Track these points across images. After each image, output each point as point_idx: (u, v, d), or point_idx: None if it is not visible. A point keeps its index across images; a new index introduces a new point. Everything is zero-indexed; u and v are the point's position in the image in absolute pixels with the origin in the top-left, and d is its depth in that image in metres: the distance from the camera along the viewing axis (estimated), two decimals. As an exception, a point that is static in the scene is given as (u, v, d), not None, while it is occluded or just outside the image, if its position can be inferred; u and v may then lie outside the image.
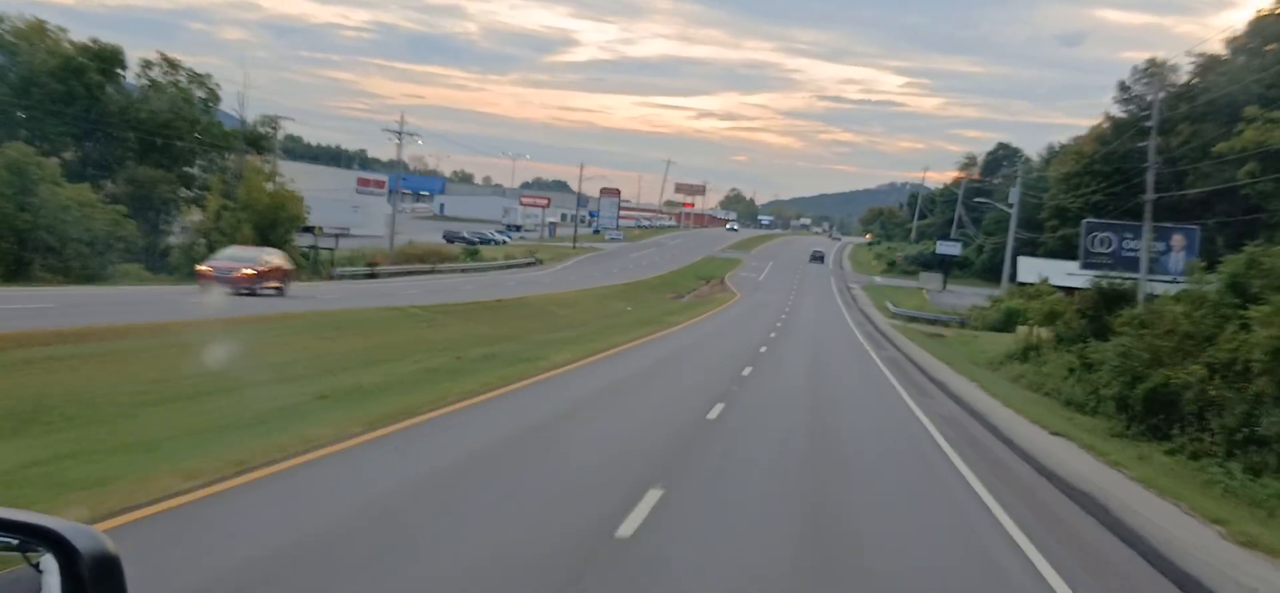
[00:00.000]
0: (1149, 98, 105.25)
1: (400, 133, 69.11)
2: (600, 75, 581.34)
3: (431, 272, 64.29)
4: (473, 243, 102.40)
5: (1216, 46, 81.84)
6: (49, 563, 1.73)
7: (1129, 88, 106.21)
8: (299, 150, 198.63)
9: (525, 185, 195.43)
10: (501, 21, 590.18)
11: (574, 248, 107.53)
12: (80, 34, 63.26)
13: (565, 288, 60.61)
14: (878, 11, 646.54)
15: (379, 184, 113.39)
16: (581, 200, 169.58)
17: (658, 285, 75.58)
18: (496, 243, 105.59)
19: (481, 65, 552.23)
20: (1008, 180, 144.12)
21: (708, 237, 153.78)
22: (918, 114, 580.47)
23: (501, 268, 77.45)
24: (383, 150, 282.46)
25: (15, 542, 1.78)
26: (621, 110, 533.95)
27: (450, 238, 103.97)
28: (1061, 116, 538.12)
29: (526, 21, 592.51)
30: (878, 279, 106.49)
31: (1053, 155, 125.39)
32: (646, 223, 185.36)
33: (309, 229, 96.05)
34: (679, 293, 74.59)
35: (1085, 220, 64.59)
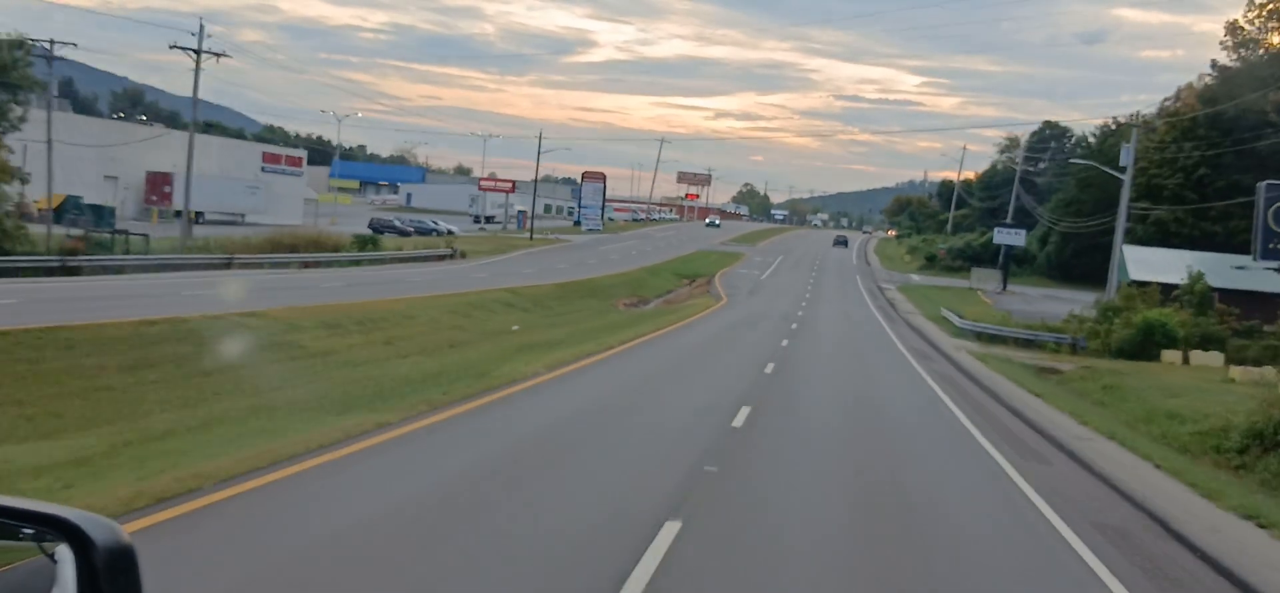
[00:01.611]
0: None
1: (198, 52, 45.42)
2: (618, 76, 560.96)
3: (226, 266, 40.80)
4: (405, 232, 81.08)
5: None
6: (64, 553, 1.66)
7: (1242, 29, 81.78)
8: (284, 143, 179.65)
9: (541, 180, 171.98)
10: (519, 22, 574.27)
11: (531, 239, 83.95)
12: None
13: (449, 290, 37.30)
14: (897, 10, 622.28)
15: (294, 162, 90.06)
16: (577, 191, 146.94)
17: (615, 286, 51.96)
18: (438, 232, 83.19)
19: (499, 66, 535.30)
20: (1057, 162, 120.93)
21: (700, 230, 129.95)
22: (936, 114, 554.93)
23: (397, 261, 54.29)
24: (383, 144, 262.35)
25: (31, 532, 1.72)
26: (639, 111, 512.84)
27: (378, 227, 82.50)
28: (1081, 115, 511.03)
29: (544, 22, 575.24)
30: (915, 278, 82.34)
31: (1108, 133, 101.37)
32: (644, 215, 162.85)
33: (178, 214, 73.09)
34: (641, 297, 50.96)
35: (1264, 184, 40.39)
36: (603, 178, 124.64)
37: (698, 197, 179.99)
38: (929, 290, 69.11)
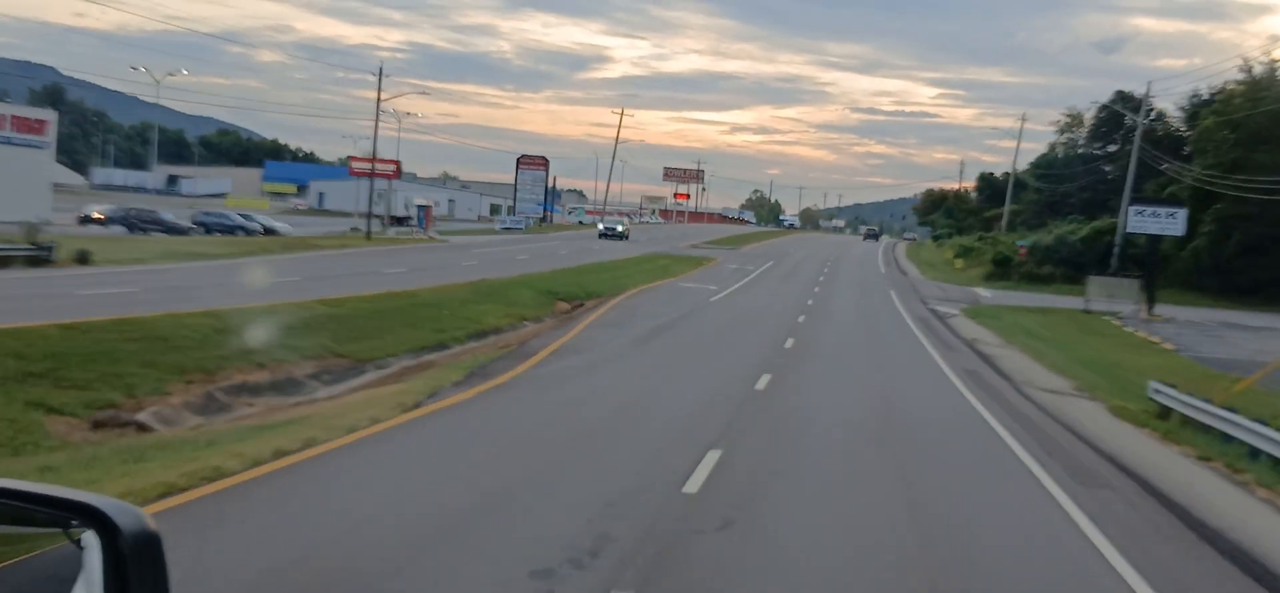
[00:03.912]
0: None
1: None
2: (634, 91, 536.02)
3: None
4: (180, 228, 53.29)
5: None
6: (90, 540, 1.64)
7: None
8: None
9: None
10: (535, 39, 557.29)
11: (369, 238, 52.57)
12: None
13: None
14: (912, 22, 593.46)
15: (28, 126, 58.46)
16: (552, 191, 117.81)
17: (309, 325, 20.65)
18: (246, 230, 53.15)
19: (516, 83, 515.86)
20: (1155, 140, 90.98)
21: (678, 231, 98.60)
22: (952, 125, 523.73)
23: None
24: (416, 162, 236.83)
25: (57, 518, 1.72)
26: (655, 125, 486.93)
27: (134, 220, 53.68)
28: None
29: (560, 39, 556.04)
30: (984, 292, 50.39)
31: (1198, 106, 70.53)
32: (625, 218, 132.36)
33: None
34: (354, 360, 19.51)
35: None
36: (544, 165, 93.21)
37: (688, 196, 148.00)
38: (1022, 317, 37.18)
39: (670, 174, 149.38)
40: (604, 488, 9.04)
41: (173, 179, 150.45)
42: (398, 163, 71.79)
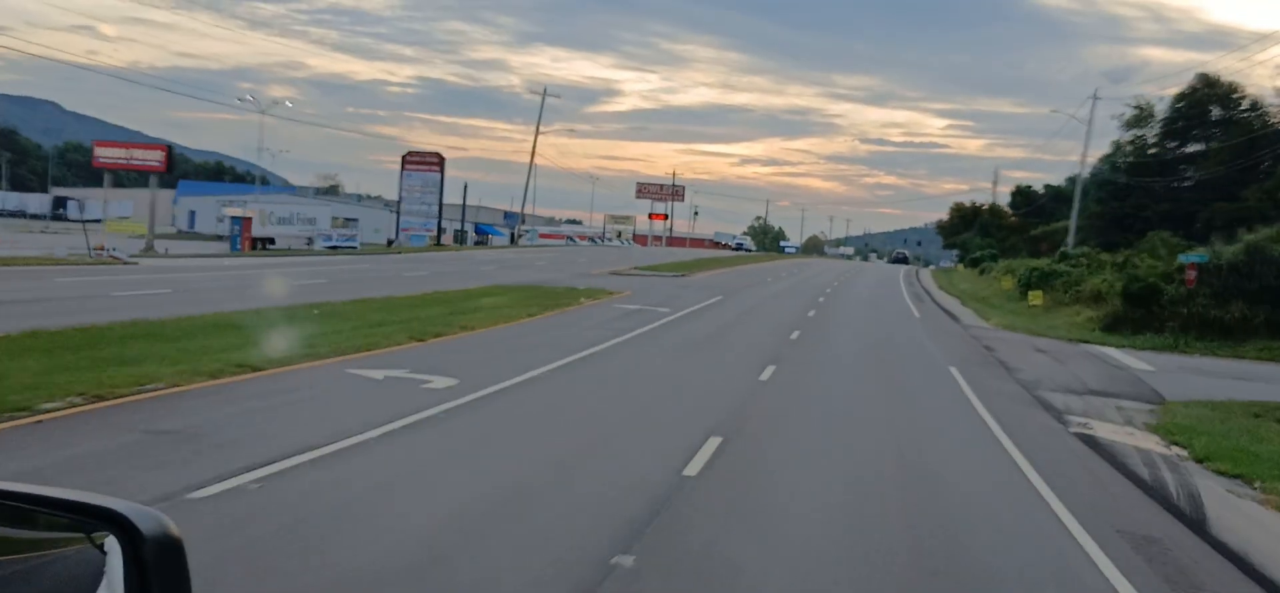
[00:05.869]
0: None
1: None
2: (643, 124, 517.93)
3: None
4: None
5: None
6: (112, 544, 1.58)
7: None
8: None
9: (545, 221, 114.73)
10: (544, 73, 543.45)
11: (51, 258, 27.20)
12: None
13: None
14: (921, 54, 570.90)
15: None
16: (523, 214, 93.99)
17: None
18: None
19: (525, 117, 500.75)
20: (1217, 137, 69.30)
21: (630, 254, 73.25)
22: (961, 156, 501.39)
23: None
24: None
25: (79, 523, 1.64)
26: (665, 158, 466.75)
27: None
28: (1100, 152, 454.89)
29: (569, 73, 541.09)
30: (1135, 361, 24.67)
31: None
32: (583, 240, 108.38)
33: None
34: None
35: None
36: (438, 164, 67.60)
37: (665, 217, 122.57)
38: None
39: (644, 191, 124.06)
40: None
41: (59, 201, 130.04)
42: (167, 149, 46.56)
